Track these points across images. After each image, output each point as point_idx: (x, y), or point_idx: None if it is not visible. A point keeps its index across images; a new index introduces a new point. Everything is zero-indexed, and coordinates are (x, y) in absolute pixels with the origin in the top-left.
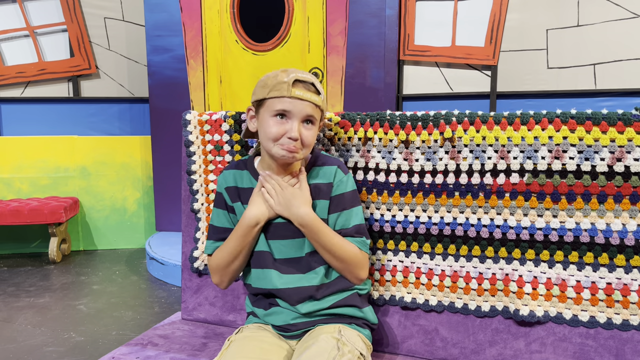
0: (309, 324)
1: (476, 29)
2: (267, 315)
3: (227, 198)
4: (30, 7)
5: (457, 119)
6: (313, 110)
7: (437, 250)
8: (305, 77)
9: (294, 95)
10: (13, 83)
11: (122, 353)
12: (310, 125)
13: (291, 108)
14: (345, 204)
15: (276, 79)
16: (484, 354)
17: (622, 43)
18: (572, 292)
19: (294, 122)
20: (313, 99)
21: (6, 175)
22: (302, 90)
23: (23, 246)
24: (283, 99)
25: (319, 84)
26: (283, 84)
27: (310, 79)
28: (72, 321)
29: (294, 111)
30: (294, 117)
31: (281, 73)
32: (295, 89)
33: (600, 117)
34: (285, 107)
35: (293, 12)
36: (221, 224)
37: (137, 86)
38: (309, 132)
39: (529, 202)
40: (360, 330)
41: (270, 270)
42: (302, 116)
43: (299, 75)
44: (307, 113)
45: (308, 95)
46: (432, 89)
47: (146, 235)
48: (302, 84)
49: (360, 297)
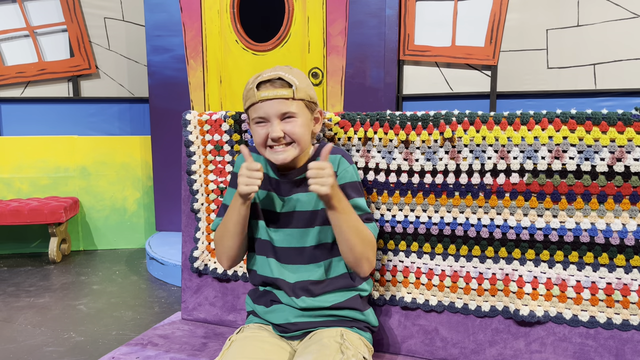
0: (310, 325)
1: (476, 29)
2: (268, 313)
3: None
4: (30, 7)
5: (457, 119)
6: (287, 106)
7: (437, 250)
8: (271, 74)
9: (260, 98)
10: (13, 83)
11: (122, 353)
12: (292, 119)
13: (264, 112)
14: (350, 193)
15: (246, 88)
16: (484, 354)
17: (622, 43)
18: (572, 292)
19: (272, 122)
20: (280, 93)
21: (6, 175)
22: (267, 90)
23: (23, 246)
24: (255, 106)
25: (291, 73)
26: (250, 91)
27: (276, 74)
28: (72, 321)
29: (267, 113)
30: (271, 119)
31: (252, 80)
32: (260, 91)
33: (600, 117)
34: (259, 114)
35: (293, 12)
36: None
37: (137, 86)
38: (291, 125)
39: (529, 202)
40: (361, 334)
41: (270, 258)
42: (277, 115)
43: (264, 75)
44: (279, 111)
45: (273, 93)
46: (432, 89)
47: (146, 235)
48: (267, 84)
49: (361, 300)
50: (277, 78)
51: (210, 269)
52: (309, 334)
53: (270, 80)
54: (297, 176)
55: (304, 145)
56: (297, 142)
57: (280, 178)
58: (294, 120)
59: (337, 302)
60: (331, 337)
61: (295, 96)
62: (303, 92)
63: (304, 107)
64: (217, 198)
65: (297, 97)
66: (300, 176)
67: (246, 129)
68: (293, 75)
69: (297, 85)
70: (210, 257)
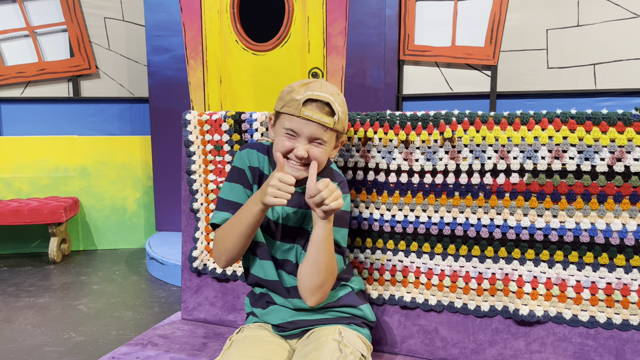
0: (308, 323)
1: (476, 29)
2: (265, 315)
3: (250, 176)
4: (30, 7)
5: (457, 119)
6: (322, 132)
7: (436, 250)
8: (321, 95)
9: (302, 115)
10: (13, 83)
11: (122, 353)
12: (320, 145)
13: (298, 128)
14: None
15: (290, 94)
16: (484, 354)
17: (622, 43)
18: (572, 292)
19: (301, 141)
20: (323, 120)
21: (6, 175)
22: (313, 111)
23: (23, 246)
24: (292, 118)
25: (339, 101)
26: (294, 102)
27: (326, 97)
28: (72, 321)
29: (301, 131)
30: (301, 137)
31: (298, 88)
32: (305, 108)
33: (600, 117)
34: (293, 127)
35: (293, 12)
36: (231, 197)
37: (137, 86)
38: (317, 150)
39: (529, 202)
40: (359, 331)
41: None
42: (309, 137)
43: (315, 93)
44: (313, 135)
45: (317, 117)
46: (432, 89)
47: (146, 235)
48: (314, 104)
49: (355, 295)
50: (325, 102)
51: (210, 269)
52: (307, 332)
53: (318, 101)
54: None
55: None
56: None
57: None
58: (322, 146)
59: (329, 301)
60: (329, 335)
61: (334, 126)
62: (341, 124)
63: (334, 136)
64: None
65: (335, 128)
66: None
67: (246, 129)
68: (339, 103)
69: (339, 117)
70: (210, 257)
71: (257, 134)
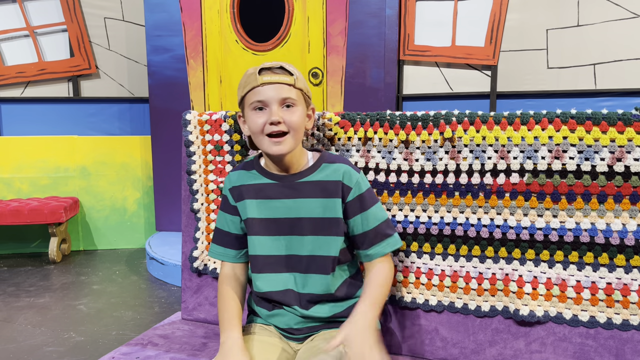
0: (313, 329)
1: (476, 29)
2: (271, 317)
3: (231, 198)
4: (30, 7)
5: (457, 119)
6: (288, 92)
7: (437, 250)
8: (273, 63)
9: (262, 82)
10: (13, 83)
11: (122, 353)
12: (292, 108)
13: (264, 96)
14: (364, 204)
15: (245, 77)
16: (484, 354)
17: (622, 43)
18: (572, 292)
19: (271, 107)
20: (283, 79)
21: (6, 175)
22: (270, 75)
23: (23, 246)
24: (255, 90)
25: (293, 67)
26: (251, 76)
27: (278, 63)
28: (72, 321)
29: (268, 97)
30: (270, 104)
31: (251, 69)
32: (262, 76)
33: (600, 117)
34: (259, 97)
35: (293, 12)
36: (223, 227)
37: (137, 86)
38: (291, 114)
39: (529, 202)
40: None
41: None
42: (278, 100)
43: (267, 64)
44: (281, 96)
45: (276, 78)
46: (432, 89)
47: (146, 235)
48: (269, 70)
49: None
50: (278, 67)
51: (210, 269)
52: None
53: (272, 67)
54: (293, 181)
55: (299, 138)
56: (294, 132)
57: (275, 181)
58: (293, 108)
59: (336, 312)
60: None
61: (295, 84)
62: (302, 83)
63: (302, 98)
64: (217, 198)
65: (297, 86)
66: (298, 180)
67: None
68: (292, 68)
69: (297, 75)
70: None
71: None
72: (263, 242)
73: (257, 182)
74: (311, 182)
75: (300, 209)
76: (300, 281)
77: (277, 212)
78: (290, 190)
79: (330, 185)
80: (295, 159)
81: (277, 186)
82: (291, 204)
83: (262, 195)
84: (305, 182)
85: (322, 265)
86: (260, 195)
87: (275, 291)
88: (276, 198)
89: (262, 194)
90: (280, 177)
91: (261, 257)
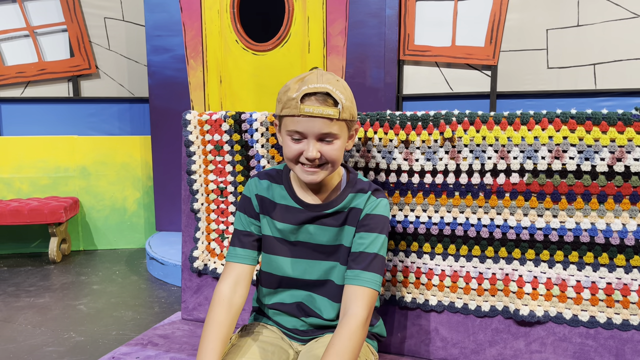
0: (317, 332)
1: (476, 29)
2: (277, 315)
3: (256, 205)
4: (30, 7)
5: (457, 119)
6: (329, 127)
7: (437, 250)
8: (319, 87)
9: (303, 113)
10: (13, 83)
11: (122, 353)
12: (331, 141)
13: (302, 129)
14: (374, 225)
15: (287, 94)
16: (484, 354)
17: (622, 43)
18: (572, 292)
19: (309, 141)
20: (325, 112)
21: (6, 175)
22: (312, 106)
23: (23, 246)
24: (293, 118)
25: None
26: (292, 101)
27: (324, 88)
28: (72, 321)
29: (306, 130)
30: (309, 136)
31: (294, 85)
32: (304, 105)
33: (600, 117)
34: (297, 128)
35: (293, 12)
36: (242, 226)
37: (137, 86)
38: (330, 148)
39: (529, 202)
40: (368, 342)
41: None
42: (317, 135)
43: (312, 86)
44: (321, 131)
45: (319, 110)
46: (432, 89)
47: (146, 235)
48: (313, 97)
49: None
50: (324, 92)
51: (210, 269)
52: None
53: (317, 93)
54: (322, 210)
55: (337, 167)
56: (332, 165)
57: (302, 208)
58: (333, 141)
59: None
60: None
61: (340, 116)
62: (348, 112)
63: (345, 127)
64: (217, 198)
65: (342, 117)
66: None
67: (246, 129)
68: (340, 91)
69: (343, 104)
70: (210, 257)
71: (257, 134)
72: (280, 262)
73: (284, 202)
74: (337, 213)
75: (321, 235)
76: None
77: (298, 236)
78: (315, 218)
79: (352, 214)
80: (328, 180)
81: (303, 213)
82: (313, 230)
83: (287, 220)
84: (332, 212)
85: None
86: (286, 219)
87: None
88: (300, 224)
89: (287, 217)
90: (308, 205)
91: (276, 277)
